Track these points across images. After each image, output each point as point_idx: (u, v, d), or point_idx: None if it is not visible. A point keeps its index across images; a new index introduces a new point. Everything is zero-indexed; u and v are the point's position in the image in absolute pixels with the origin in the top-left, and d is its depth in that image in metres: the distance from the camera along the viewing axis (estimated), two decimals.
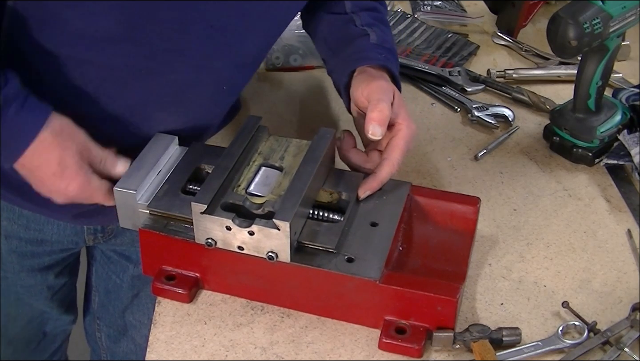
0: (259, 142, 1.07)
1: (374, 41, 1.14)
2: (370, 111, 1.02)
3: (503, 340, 0.97)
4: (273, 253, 0.94)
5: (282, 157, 1.05)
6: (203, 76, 1.06)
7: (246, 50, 1.07)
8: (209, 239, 0.96)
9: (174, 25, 0.98)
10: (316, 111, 1.39)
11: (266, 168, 1.03)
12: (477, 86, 1.43)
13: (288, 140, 1.08)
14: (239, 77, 1.14)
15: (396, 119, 1.04)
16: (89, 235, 1.30)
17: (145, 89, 1.04)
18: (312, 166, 1.00)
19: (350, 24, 1.17)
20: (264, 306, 1.02)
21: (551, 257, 1.11)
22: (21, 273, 1.30)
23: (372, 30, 1.15)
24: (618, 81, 1.43)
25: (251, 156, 1.05)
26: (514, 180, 1.24)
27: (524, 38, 1.57)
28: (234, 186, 1.00)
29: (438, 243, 1.06)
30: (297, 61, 1.47)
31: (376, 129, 1.01)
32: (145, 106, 1.07)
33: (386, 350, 0.96)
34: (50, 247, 1.28)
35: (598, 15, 1.16)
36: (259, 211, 0.97)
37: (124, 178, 1.02)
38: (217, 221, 0.95)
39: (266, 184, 1.01)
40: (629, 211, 1.18)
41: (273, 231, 0.93)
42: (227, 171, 1.00)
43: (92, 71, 1.01)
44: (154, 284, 1.02)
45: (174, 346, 0.98)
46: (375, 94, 1.04)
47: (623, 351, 0.96)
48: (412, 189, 1.07)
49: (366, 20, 1.17)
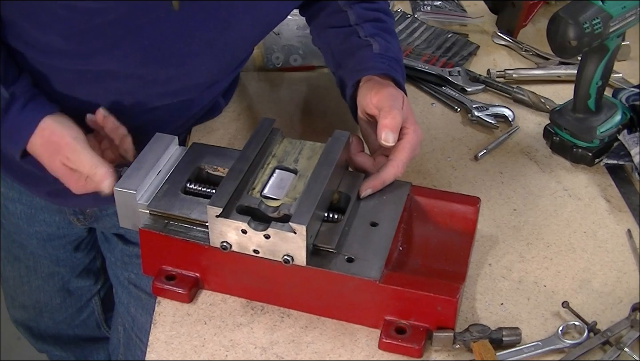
0: (273, 145, 1.07)
1: (377, 51, 1.16)
2: (382, 118, 1.04)
3: (503, 340, 0.97)
4: (289, 256, 0.94)
5: (296, 159, 1.05)
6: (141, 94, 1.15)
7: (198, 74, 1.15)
8: (224, 243, 0.96)
9: None
10: (316, 111, 1.39)
11: (280, 171, 1.03)
12: (477, 86, 1.43)
13: (302, 142, 1.07)
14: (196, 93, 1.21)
15: (404, 124, 1.06)
16: (72, 216, 1.37)
17: (92, 94, 1.13)
18: (328, 168, 1.00)
19: (354, 35, 1.19)
20: (264, 306, 1.02)
21: (551, 257, 1.11)
22: (32, 239, 1.44)
23: (375, 41, 1.17)
24: (618, 81, 1.43)
25: (265, 159, 1.04)
26: (514, 180, 1.24)
27: (524, 38, 1.57)
28: (248, 189, 0.99)
29: (438, 243, 1.06)
30: (297, 61, 1.47)
31: (389, 135, 1.03)
32: None
33: (386, 350, 0.96)
34: (45, 223, 1.36)
35: (598, 15, 1.16)
36: (275, 214, 0.97)
37: (124, 178, 1.02)
38: (232, 225, 0.95)
39: (281, 187, 1.00)
40: (629, 211, 1.18)
41: (289, 234, 0.93)
42: (241, 174, 0.99)
43: (52, 73, 1.10)
44: (154, 284, 1.02)
45: (174, 346, 0.98)
46: (386, 102, 1.06)
47: (623, 351, 0.96)
48: (412, 189, 1.07)
49: (370, 31, 1.19)
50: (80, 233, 1.45)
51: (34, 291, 1.55)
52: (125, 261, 1.42)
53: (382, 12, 1.23)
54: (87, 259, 1.53)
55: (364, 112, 1.10)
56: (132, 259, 1.41)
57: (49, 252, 1.47)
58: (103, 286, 1.60)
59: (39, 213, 1.38)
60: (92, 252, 1.52)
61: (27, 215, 1.39)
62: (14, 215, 1.40)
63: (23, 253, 1.49)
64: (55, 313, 1.60)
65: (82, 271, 1.54)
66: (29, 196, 1.35)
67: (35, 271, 1.51)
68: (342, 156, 1.04)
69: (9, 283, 1.57)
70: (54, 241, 1.44)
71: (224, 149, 1.13)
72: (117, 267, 1.45)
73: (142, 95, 1.14)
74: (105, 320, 1.66)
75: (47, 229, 1.41)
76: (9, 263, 1.52)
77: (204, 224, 0.99)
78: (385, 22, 1.21)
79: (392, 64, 1.13)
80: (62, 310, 1.59)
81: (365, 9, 1.21)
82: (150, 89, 1.13)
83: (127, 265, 1.42)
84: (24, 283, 1.54)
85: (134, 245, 1.40)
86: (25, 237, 1.44)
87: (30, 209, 1.38)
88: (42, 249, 1.46)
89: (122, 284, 1.45)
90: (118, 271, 1.45)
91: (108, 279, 1.54)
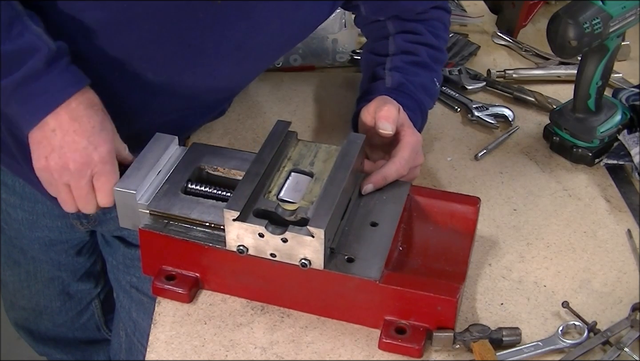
0: (288, 148, 1.06)
1: (388, 85, 1.18)
2: (378, 112, 1.07)
3: (503, 340, 0.97)
4: (306, 260, 0.94)
5: (312, 162, 1.04)
6: None
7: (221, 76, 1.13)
8: (240, 247, 0.96)
9: None
10: (316, 111, 1.39)
11: (296, 174, 1.02)
12: (477, 83, 1.43)
13: (317, 145, 1.07)
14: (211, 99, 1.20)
15: (402, 128, 1.08)
16: (75, 220, 1.35)
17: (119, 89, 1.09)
18: (344, 172, 1.00)
19: (381, 66, 1.21)
20: (264, 306, 1.02)
21: (551, 257, 1.11)
22: (34, 244, 1.42)
23: (391, 74, 1.19)
24: (618, 81, 1.43)
25: (281, 162, 1.04)
26: (514, 180, 1.24)
27: (524, 38, 1.57)
28: (265, 192, 0.99)
29: (438, 243, 1.06)
30: (297, 61, 1.47)
31: (386, 125, 1.06)
32: None
33: (386, 350, 0.96)
34: (47, 229, 1.35)
35: (598, 15, 1.16)
36: (292, 217, 0.96)
37: (124, 178, 1.02)
38: (249, 228, 0.94)
39: (297, 190, 1.00)
40: (629, 211, 1.18)
41: (307, 238, 0.92)
42: (258, 177, 0.99)
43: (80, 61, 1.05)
44: (154, 284, 1.02)
45: (174, 346, 0.98)
46: (380, 101, 1.10)
47: (623, 351, 0.96)
48: (412, 189, 1.07)
49: (395, 63, 1.21)
50: (82, 237, 1.44)
51: (34, 295, 1.55)
52: (127, 264, 1.41)
53: (423, 45, 1.23)
54: (89, 263, 1.52)
55: (364, 127, 1.11)
56: (134, 262, 1.40)
57: (51, 257, 1.46)
58: (103, 288, 1.60)
59: (41, 218, 1.37)
60: (93, 256, 1.52)
61: (29, 221, 1.38)
62: (15, 221, 1.39)
63: (23, 257, 1.48)
64: (55, 316, 1.60)
65: (83, 275, 1.54)
66: (30, 202, 1.35)
67: (36, 276, 1.51)
68: (358, 159, 1.04)
69: (9, 287, 1.57)
70: (55, 246, 1.44)
71: (224, 149, 1.13)
72: (119, 270, 1.44)
73: (165, 95, 1.12)
74: (105, 322, 1.66)
75: (49, 235, 1.40)
76: (9, 268, 1.52)
77: (204, 224, 0.99)
78: (419, 56, 1.22)
79: (401, 99, 1.14)
80: (62, 313, 1.59)
81: (405, 41, 1.22)
82: (173, 89, 1.11)
83: (129, 268, 1.41)
84: (23, 287, 1.54)
85: (136, 248, 1.39)
86: (27, 242, 1.43)
87: (32, 215, 1.37)
88: (43, 255, 1.46)
89: (123, 288, 1.44)
90: (120, 274, 1.44)
91: (108, 282, 1.53)
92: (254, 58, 1.13)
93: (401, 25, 1.23)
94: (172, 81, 1.10)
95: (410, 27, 1.23)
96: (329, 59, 1.49)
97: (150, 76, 1.08)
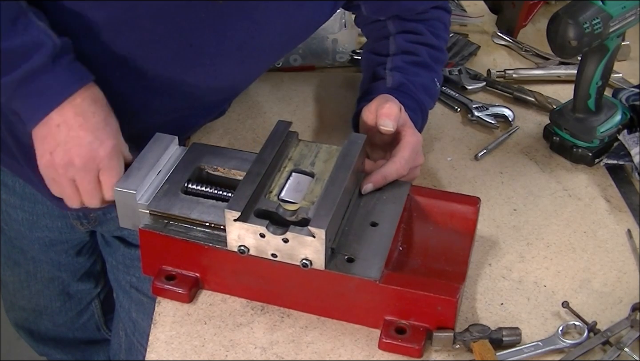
0: (289, 148, 1.06)
1: (388, 85, 1.18)
2: (380, 109, 1.07)
3: (503, 340, 0.97)
4: (307, 260, 0.94)
5: (313, 162, 1.04)
6: None
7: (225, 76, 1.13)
8: (241, 247, 0.96)
9: None
10: (316, 111, 1.39)
11: (297, 174, 1.02)
12: (477, 83, 1.43)
13: (318, 145, 1.07)
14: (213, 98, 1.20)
15: (402, 128, 1.08)
16: (75, 220, 1.35)
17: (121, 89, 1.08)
18: (345, 172, 1.00)
19: (381, 66, 1.21)
20: (264, 306, 1.02)
21: (551, 257, 1.11)
22: (34, 244, 1.42)
23: (391, 74, 1.19)
24: (618, 81, 1.43)
25: (282, 162, 1.04)
26: (514, 180, 1.24)
27: (524, 38, 1.57)
28: (265, 192, 0.99)
29: (438, 243, 1.06)
30: (297, 61, 1.47)
31: (387, 121, 1.06)
32: None
33: (386, 350, 0.96)
34: (47, 229, 1.35)
35: (598, 15, 1.16)
36: (293, 218, 0.96)
37: (124, 178, 1.02)
38: (250, 229, 0.94)
39: (298, 190, 1.00)
40: (629, 211, 1.18)
41: (308, 238, 0.92)
42: (259, 177, 0.99)
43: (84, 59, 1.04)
44: (154, 284, 1.02)
45: (174, 346, 0.98)
46: (382, 99, 1.10)
47: (623, 351, 0.96)
48: (412, 189, 1.07)
49: (396, 63, 1.21)
50: (82, 237, 1.44)
51: (34, 295, 1.55)
52: (127, 264, 1.41)
53: (424, 45, 1.23)
54: (88, 263, 1.52)
55: (365, 126, 1.11)
56: (134, 263, 1.40)
57: (51, 257, 1.46)
58: (103, 288, 1.60)
59: (41, 219, 1.37)
60: (93, 256, 1.52)
61: (29, 221, 1.38)
62: (15, 221, 1.39)
63: (23, 258, 1.48)
64: (55, 316, 1.60)
65: (83, 275, 1.54)
66: (30, 202, 1.34)
67: (36, 276, 1.51)
68: (359, 159, 1.04)
69: (9, 288, 1.57)
70: (56, 246, 1.44)
71: (224, 149, 1.13)
72: (119, 271, 1.44)
73: (166, 95, 1.12)
74: (105, 322, 1.66)
75: (49, 235, 1.40)
76: (8, 268, 1.52)
77: (204, 224, 0.99)
78: (419, 56, 1.22)
79: (401, 98, 1.13)
80: (62, 313, 1.59)
81: (405, 41, 1.22)
82: (175, 89, 1.12)
83: (129, 268, 1.41)
84: (23, 287, 1.54)
85: (136, 248, 1.39)
86: (27, 243, 1.43)
87: (32, 215, 1.37)
88: (43, 255, 1.46)
89: (123, 288, 1.44)
90: (119, 275, 1.44)
91: (108, 282, 1.53)
92: (255, 58, 1.13)
93: (402, 25, 1.23)
94: (173, 81, 1.09)
95: (410, 27, 1.23)
96: (329, 59, 1.49)
97: (152, 75, 1.08)
